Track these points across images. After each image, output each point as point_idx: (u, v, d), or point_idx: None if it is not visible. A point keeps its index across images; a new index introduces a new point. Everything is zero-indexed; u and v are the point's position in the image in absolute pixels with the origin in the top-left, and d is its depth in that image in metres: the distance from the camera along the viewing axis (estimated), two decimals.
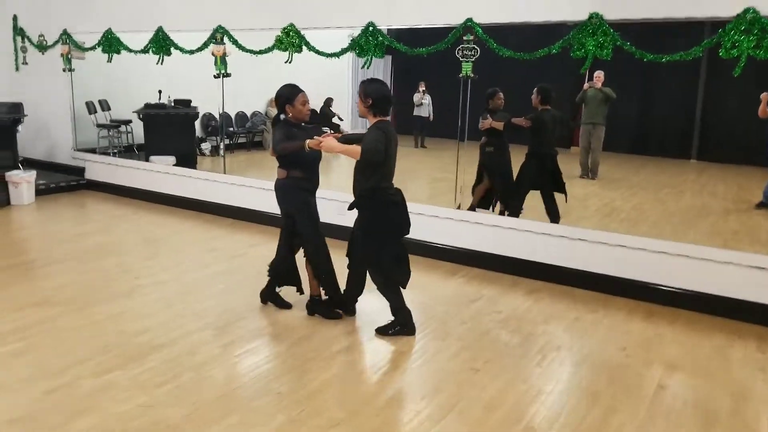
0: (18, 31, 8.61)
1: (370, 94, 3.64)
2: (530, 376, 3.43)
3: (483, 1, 4.93)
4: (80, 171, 8.29)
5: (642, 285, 4.53)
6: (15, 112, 7.81)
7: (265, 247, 5.75)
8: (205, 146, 9.62)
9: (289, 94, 3.88)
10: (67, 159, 8.46)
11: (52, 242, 5.79)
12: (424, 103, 10.73)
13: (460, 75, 5.07)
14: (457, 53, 5.02)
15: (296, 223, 4.02)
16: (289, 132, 3.85)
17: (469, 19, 4.93)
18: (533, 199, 5.70)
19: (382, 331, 3.87)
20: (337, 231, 5.94)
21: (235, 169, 6.98)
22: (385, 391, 3.22)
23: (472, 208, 5.72)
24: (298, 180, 3.93)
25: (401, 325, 3.87)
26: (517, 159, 5.72)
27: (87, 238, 5.92)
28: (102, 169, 8.12)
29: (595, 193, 7.50)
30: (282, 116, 3.93)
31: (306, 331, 3.92)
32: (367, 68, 5.52)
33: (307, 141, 3.66)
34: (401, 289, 3.88)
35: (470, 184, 5.79)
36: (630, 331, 4.06)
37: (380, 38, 5.37)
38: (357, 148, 3.56)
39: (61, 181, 8.00)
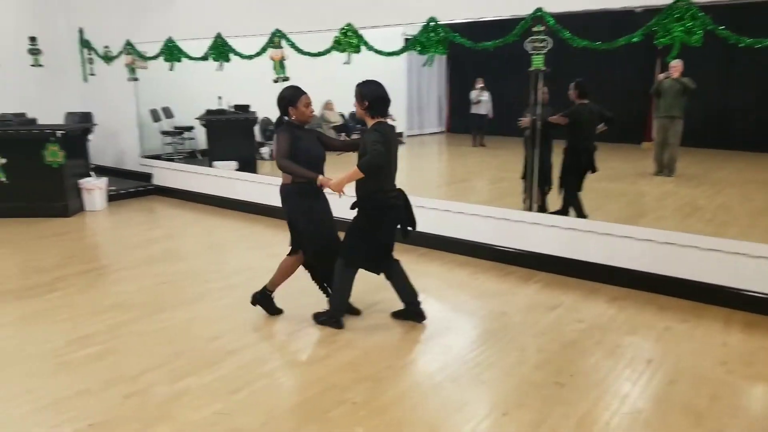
0: (84, 44, 8.94)
1: (366, 95, 3.56)
2: (622, 392, 3.17)
3: None
4: (148, 177, 8.52)
5: (737, 292, 4.15)
6: (85, 121, 8.09)
7: None
8: (264, 151, 9.69)
9: (291, 96, 3.81)
10: (134, 165, 8.72)
11: (124, 247, 5.92)
12: (482, 100, 10.46)
13: (531, 69, 4.82)
14: (526, 46, 4.78)
15: (296, 228, 3.90)
16: (293, 135, 3.74)
17: (539, 9, 4.66)
18: (614, 201, 5.41)
19: (315, 317, 3.92)
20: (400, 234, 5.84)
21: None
22: (466, 404, 3.05)
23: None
24: (303, 185, 3.78)
25: (333, 317, 3.85)
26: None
27: (157, 243, 6.03)
28: (168, 174, 8.31)
29: (672, 191, 7.07)
30: (285, 118, 3.86)
31: (377, 339, 3.79)
32: (429, 66, 5.36)
33: (319, 178, 3.65)
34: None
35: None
36: (728, 343, 3.72)
37: (442, 34, 5.19)
38: (357, 171, 3.51)
39: (131, 187, 8.24)
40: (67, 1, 9.00)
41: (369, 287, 4.67)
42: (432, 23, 5.19)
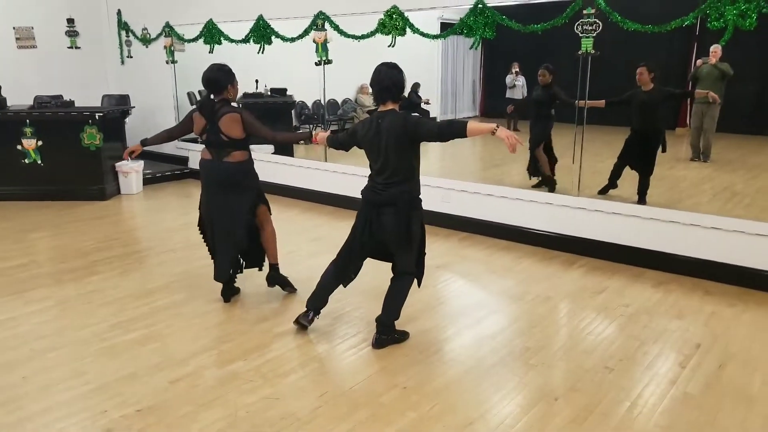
0: (122, 26, 8.95)
1: (373, 85, 3.35)
2: (672, 376, 3.09)
3: None
4: (184, 160, 8.54)
5: None
6: (123, 104, 8.13)
7: None
8: None
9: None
10: (171, 149, 8.72)
11: (162, 231, 5.94)
12: (517, 85, 10.27)
13: (579, 52, 4.67)
14: (576, 28, 4.63)
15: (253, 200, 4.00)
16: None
17: None
18: (652, 186, 5.28)
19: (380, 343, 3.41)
20: (441, 218, 5.77)
21: (331, 157, 6.90)
22: (517, 389, 2.99)
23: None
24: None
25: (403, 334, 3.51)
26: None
27: (194, 227, 5.99)
28: None
29: (709, 176, 6.88)
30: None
31: (424, 324, 3.74)
32: (476, 48, 5.22)
33: (315, 134, 3.82)
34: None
35: (600, 174, 5.47)
36: None
37: (489, 16, 5.05)
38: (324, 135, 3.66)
39: (167, 170, 8.27)
40: None
41: None
42: (480, 5, 5.05)
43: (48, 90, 7.77)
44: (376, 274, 4.39)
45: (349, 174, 6.52)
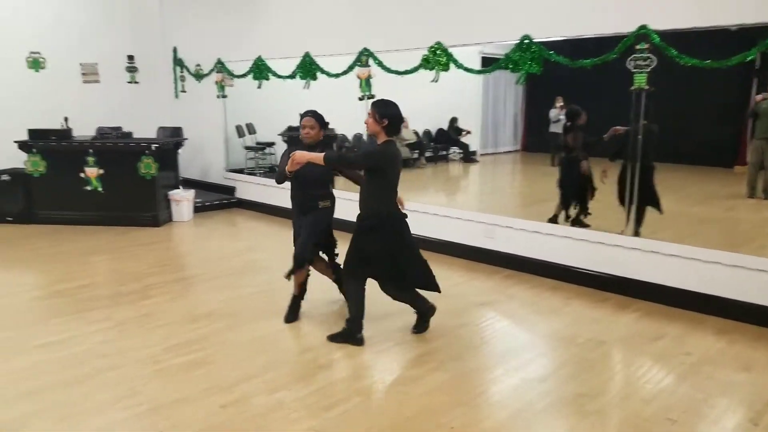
0: (178, 62, 9.39)
1: (387, 115, 3.69)
2: None
3: (659, 4, 4.46)
4: (231, 190, 8.79)
5: None
6: (176, 135, 8.46)
7: None
8: None
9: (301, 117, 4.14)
10: (219, 179, 9.02)
11: (211, 258, 6.08)
12: (561, 119, 10.23)
13: (632, 87, 4.61)
14: (629, 64, 4.58)
15: None
16: (286, 152, 4.16)
17: (643, 26, 4.48)
18: (710, 226, 5.10)
19: (332, 338, 3.90)
20: (483, 254, 5.71)
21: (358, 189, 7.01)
22: None
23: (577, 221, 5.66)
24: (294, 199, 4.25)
25: (348, 335, 3.87)
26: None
27: (241, 255, 6.16)
28: (250, 188, 8.54)
29: None
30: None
31: (469, 363, 3.68)
32: (522, 83, 5.24)
33: (287, 166, 3.84)
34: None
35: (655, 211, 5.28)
36: None
37: (536, 51, 5.07)
38: (319, 156, 3.70)
39: (215, 199, 8.53)
40: (164, 21, 9.49)
41: (454, 309, 4.58)
42: (526, 41, 5.08)
43: (109, 121, 8.21)
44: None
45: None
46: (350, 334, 3.86)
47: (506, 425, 2.96)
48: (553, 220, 5.68)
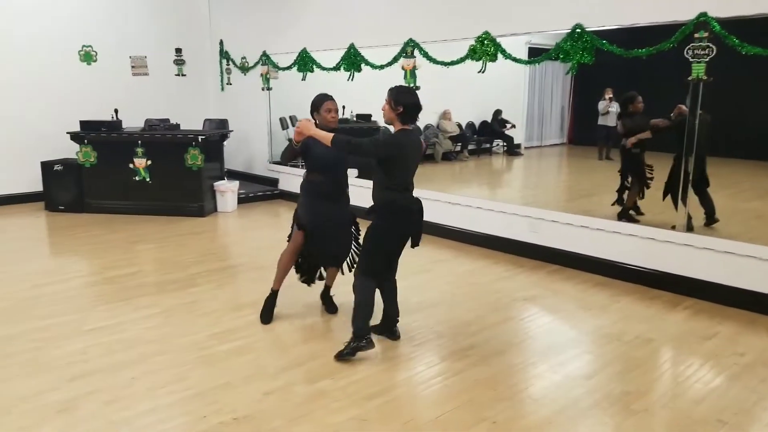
0: (224, 55, 9.55)
1: (402, 102, 3.44)
2: None
3: None
4: (274, 182, 8.90)
5: None
6: (222, 127, 8.61)
7: (452, 262, 5.58)
8: None
9: (316, 102, 3.90)
10: (262, 170, 9.15)
11: (253, 248, 6.17)
12: (610, 112, 9.94)
13: (690, 78, 4.43)
14: (686, 53, 4.39)
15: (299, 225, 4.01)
16: (308, 140, 3.71)
17: (703, 14, 4.29)
18: None
19: (340, 356, 3.51)
20: (527, 249, 5.61)
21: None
22: None
23: (624, 214, 5.52)
24: (315, 184, 3.92)
25: (358, 338, 3.51)
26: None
27: (284, 245, 6.18)
28: (293, 180, 8.60)
29: None
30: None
31: (511, 359, 3.61)
32: (573, 74, 5.10)
33: (293, 137, 3.64)
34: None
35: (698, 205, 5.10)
36: None
37: (588, 41, 4.92)
38: (328, 135, 3.45)
39: (259, 190, 8.65)
40: (211, 14, 9.68)
41: (498, 304, 4.52)
42: (578, 30, 4.94)
43: (157, 113, 8.42)
44: (452, 308, 4.35)
45: (432, 200, 6.51)
46: (358, 345, 3.51)
47: (550, 422, 2.90)
48: (624, 213, 5.53)
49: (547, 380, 3.33)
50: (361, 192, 4.49)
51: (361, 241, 3.81)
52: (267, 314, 4.11)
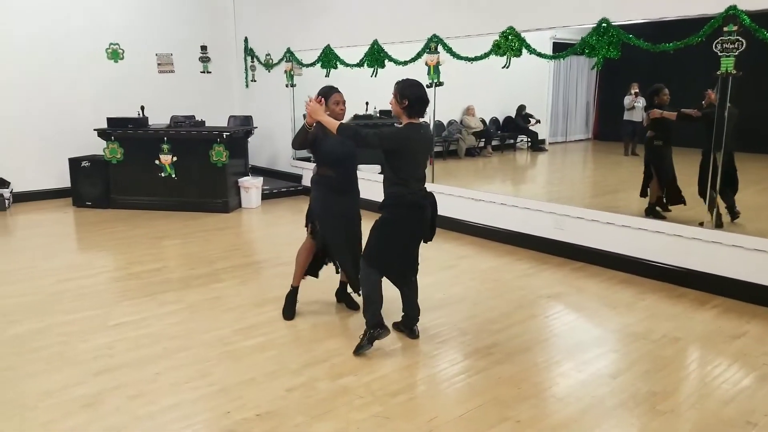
0: (248, 52, 9.62)
1: (408, 96, 3.44)
2: None
3: None
4: (298, 178, 8.95)
5: None
6: (247, 124, 8.68)
7: (475, 259, 5.55)
8: None
9: (323, 94, 3.88)
10: (286, 167, 9.21)
11: (279, 244, 6.21)
12: (636, 107, 9.77)
13: (718, 72, 4.32)
14: (715, 47, 4.30)
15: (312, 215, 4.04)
16: (317, 132, 3.79)
17: (732, 7, 4.19)
18: None
19: (357, 351, 3.54)
20: (552, 245, 5.56)
21: (427, 177, 6.94)
22: None
23: (651, 210, 5.43)
24: (327, 178, 3.92)
25: (372, 327, 3.53)
26: None
27: None
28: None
29: None
30: None
31: (535, 357, 3.59)
32: (598, 69, 5.02)
33: (307, 120, 3.69)
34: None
35: (737, 203, 4.98)
36: None
37: (614, 35, 4.84)
38: (335, 123, 3.49)
39: (282, 187, 8.70)
40: (235, 12, 9.75)
41: (522, 301, 4.49)
42: (604, 24, 4.86)
43: (182, 110, 8.53)
44: (477, 305, 4.33)
45: (455, 195, 6.49)
46: (372, 334, 3.54)
47: (575, 421, 2.88)
48: (651, 210, 5.46)
49: (571, 379, 3.30)
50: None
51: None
52: (289, 310, 4.15)
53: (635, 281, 4.84)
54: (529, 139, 10.35)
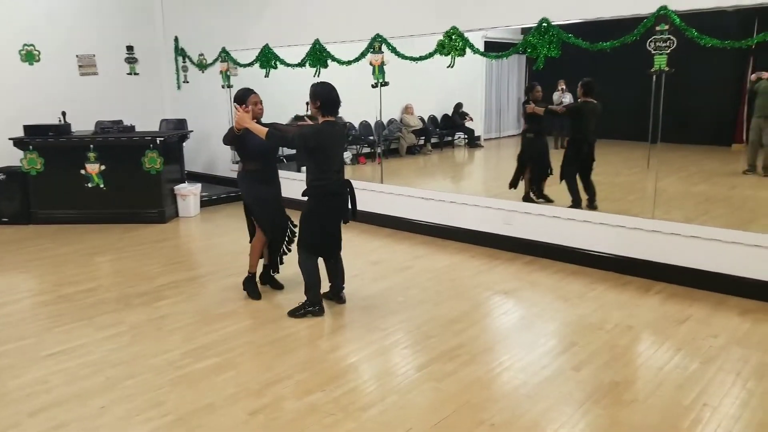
0: (179, 52, 9.18)
1: (319, 96, 3.89)
2: None
3: None
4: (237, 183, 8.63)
5: None
6: (181, 128, 8.29)
7: (431, 258, 5.54)
8: (346, 155, 9.68)
9: (240, 97, 4.26)
10: (225, 171, 8.86)
11: (224, 254, 5.90)
12: (564, 102, 10.18)
13: (652, 69, 4.53)
14: (649, 45, 4.49)
15: (252, 212, 4.50)
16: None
17: (663, 7, 4.39)
18: (718, 205, 5.03)
19: (292, 313, 4.14)
20: (503, 241, 5.64)
21: (375, 177, 6.87)
22: (616, 428, 2.82)
23: (526, 198, 5.99)
24: (253, 172, 4.35)
25: (312, 305, 4.13)
26: None
27: None
28: None
29: None
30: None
31: (500, 356, 3.61)
32: (541, 69, 5.11)
33: (235, 127, 4.07)
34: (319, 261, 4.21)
35: (664, 191, 5.22)
36: None
37: (554, 34, 4.95)
38: (263, 129, 3.91)
39: (222, 192, 8.35)
40: (163, 10, 9.27)
41: (479, 299, 4.51)
42: (545, 24, 4.96)
43: (108, 115, 8.01)
44: (438, 305, 4.32)
45: (405, 195, 6.48)
46: (309, 304, 4.13)
47: (548, 418, 2.91)
48: (526, 197, 6.01)
49: (538, 375, 3.33)
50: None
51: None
52: (254, 292, 4.52)
53: (584, 272, 4.99)
54: (466, 136, 10.51)
